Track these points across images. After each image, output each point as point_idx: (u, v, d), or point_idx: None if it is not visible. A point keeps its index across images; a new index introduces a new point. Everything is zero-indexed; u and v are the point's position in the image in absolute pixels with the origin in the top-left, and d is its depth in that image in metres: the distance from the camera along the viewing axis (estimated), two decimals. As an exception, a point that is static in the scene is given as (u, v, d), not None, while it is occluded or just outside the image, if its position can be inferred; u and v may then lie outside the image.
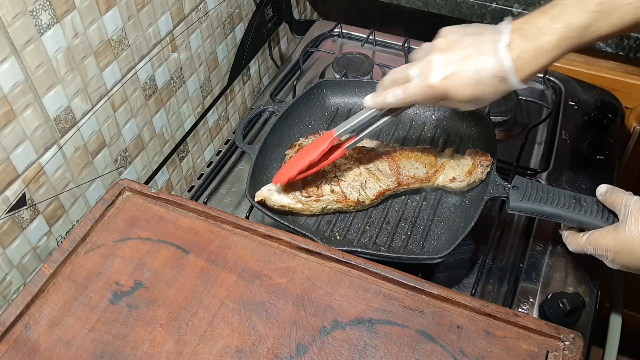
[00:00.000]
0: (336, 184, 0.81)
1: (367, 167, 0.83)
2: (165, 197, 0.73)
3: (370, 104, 0.74)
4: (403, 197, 0.86)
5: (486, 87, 0.65)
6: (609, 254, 0.65)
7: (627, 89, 1.11)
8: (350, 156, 0.84)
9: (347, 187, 0.81)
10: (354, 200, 0.81)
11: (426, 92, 0.67)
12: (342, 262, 0.67)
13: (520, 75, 0.64)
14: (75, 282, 0.67)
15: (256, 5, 1.17)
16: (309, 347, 0.60)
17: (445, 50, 0.66)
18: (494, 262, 0.83)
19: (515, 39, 0.63)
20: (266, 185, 0.82)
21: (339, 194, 0.81)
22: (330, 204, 0.82)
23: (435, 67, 0.66)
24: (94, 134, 0.83)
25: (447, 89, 0.66)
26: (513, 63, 0.63)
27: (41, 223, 0.78)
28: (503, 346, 0.59)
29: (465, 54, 0.65)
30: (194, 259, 0.68)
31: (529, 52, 0.63)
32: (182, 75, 0.99)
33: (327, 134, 0.78)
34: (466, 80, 0.65)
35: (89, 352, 0.61)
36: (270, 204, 0.80)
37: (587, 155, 0.93)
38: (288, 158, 0.87)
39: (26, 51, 0.68)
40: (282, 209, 0.81)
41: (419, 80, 0.67)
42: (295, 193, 0.81)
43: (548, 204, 0.71)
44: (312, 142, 0.81)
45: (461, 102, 0.68)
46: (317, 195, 0.81)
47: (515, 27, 0.64)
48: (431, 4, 1.18)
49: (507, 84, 0.65)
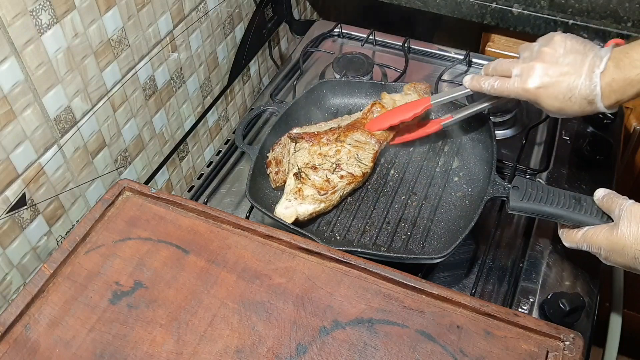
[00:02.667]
0: (339, 169, 0.84)
1: (348, 143, 0.86)
2: (165, 197, 0.73)
3: (468, 84, 0.80)
4: (403, 197, 0.86)
5: (574, 105, 0.70)
6: (602, 252, 0.67)
7: (627, 89, 1.10)
8: (328, 140, 0.87)
9: (348, 167, 0.84)
10: (360, 174, 0.85)
11: (519, 93, 0.74)
12: (342, 262, 0.67)
13: (605, 102, 0.69)
14: (75, 282, 0.67)
15: (256, 5, 1.17)
16: (309, 347, 0.60)
17: (548, 62, 0.71)
18: (494, 262, 0.83)
19: (610, 67, 0.68)
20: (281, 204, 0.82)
21: (348, 176, 0.84)
22: (345, 188, 0.84)
23: (535, 74, 0.71)
24: (94, 134, 0.83)
25: (539, 96, 0.72)
26: (602, 90, 0.68)
27: (41, 223, 0.78)
28: (503, 346, 0.59)
29: (564, 70, 0.70)
30: (194, 259, 0.68)
31: (618, 82, 0.67)
32: (182, 75, 0.99)
33: (423, 99, 0.87)
34: (558, 94, 0.70)
35: (89, 352, 0.61)
36: (301, 218, 0.82)
37: (587, 155, 0.93)
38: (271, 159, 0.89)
39: (26, 51, 0.68)
40: (311, 217, 0.83)
41: (517, 80, 0.73)
42: (313, 197, 0.82)
43: (548, 204, 0.71)
44: (406, 104, 0.89)
45: (548, 111, 0.73)
46: (332, 187, 0.83)
47: (613, 55, 0.68)
48: (431, 4, 1.18)
49: (593, 106, 0.70)
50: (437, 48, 1.16)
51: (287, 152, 0.87)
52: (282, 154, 0.87)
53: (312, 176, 0.82)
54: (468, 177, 0.87)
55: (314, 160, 0.85)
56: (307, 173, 0.83)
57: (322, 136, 0.87)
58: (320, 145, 0.86)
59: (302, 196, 0.81)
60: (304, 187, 0.82)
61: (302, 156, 0.85)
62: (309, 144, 0.86)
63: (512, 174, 0.90)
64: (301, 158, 0.85)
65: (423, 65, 1.13)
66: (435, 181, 0.88)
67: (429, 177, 0.88)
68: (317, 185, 0.82)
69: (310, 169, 0.83)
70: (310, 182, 0.82)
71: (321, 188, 0.82)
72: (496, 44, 1.19)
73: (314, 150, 0.85)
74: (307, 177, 0.82)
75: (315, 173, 0.83)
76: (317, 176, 0.83)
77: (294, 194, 0.82)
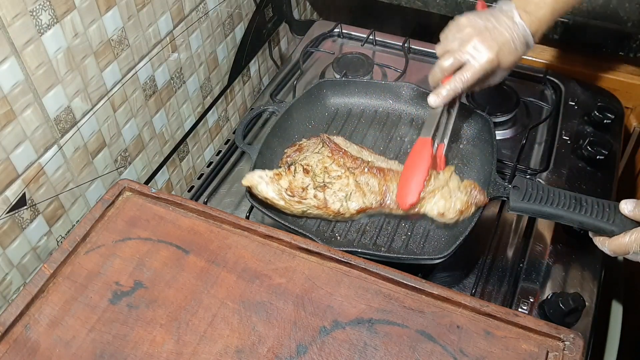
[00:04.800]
0: (321, 190, 0.79)
1: (357, 180, 0.79)
2: (165, 197, 0.73)
3: (440, 100, 0.83)
4: (403, 197, 0.86)
5: (519, 51, 0.82)
6: None
7: (627, 89, 1.11)
8: (344, 164, 0.80)
9: (332, 195, 0.79)
10: (334, 210, 0.78)
11: (485, 68, 0.81)
12: (342, 262, 0.67)
13: (536, 39, 0.83)
14: (75, 282, 0.67)
15: (256, 5, 1.17)
16: (309, 347, 0.60)
17: (480, 34, 0.81)
18: (494, 262, 0.83)
19: (522, 14, 0.81)
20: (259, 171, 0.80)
21: (321, 201, 0.79)
22: (311, 209, 0.79)
23: (484, 45, 0.80)
24: (94, 134, 0.83)
25: (501, 58, 0.81)
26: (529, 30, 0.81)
27: (41, 223, 0.78)
28: (503, 346, 0.59)
29: (497, 31, 0.81)
30: (194, 259, 0.68)
31: (534, 22, 0.81)
32: (182, 75, 0.99)
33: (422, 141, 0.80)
34: (509, 49, 0.81)
35: (89, 352, 0.61)
36: (255, 192, 0.79)
37: (587, 155, 0.93)
38: (286, 157, 0.87)
39: (26, 51, 0.68)
40: (265, 200, 0.80)
41: (475, 60, 0.81)
42: (280, 189, 0.79)
43: (548, 204, 0.71)
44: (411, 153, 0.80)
45: (507, 68, 0.83)
46: (301, 197, 0.79)
47: (517, 6, 0.82)
48: (431, 4, 1.18)
49: (528, 46, 0.83)
50: (437, 48, 1.16)
51: (309, 146, 0.85)
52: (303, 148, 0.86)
53: (298, 175, 0.80)
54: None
55: (316, 166, 0.81)
56: (298, 170, 0.80)
57: (346, 158, 0.81)
58: (334, 162, 0.81)
59: (275, 180, 0.79)
60: (285, 176, 0.80)
61: (313, 157, 0.82)
62: (329, 153, 0.81)
63: (512, 174, 0.90)
64: (311, 158, 0.82)
65: (423, 65, 1.13)
66: (435, 181, 0.88)
67: (429, 177, 0.88)
68: (292, 184, 0.79)
69: (304, 169, 0.80)
70: (291, 177, 0.79)
71: (291, 189, 0.79)
72: (496, 44, 1.19)
73: (325, 161, 0.81)
74: (294, 172, 0.80)
75: (304, 176, 0.80)
76: (301, 179, 0.80)
77: (273, 173, 0.80)
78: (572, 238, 0.83)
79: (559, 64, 1.14)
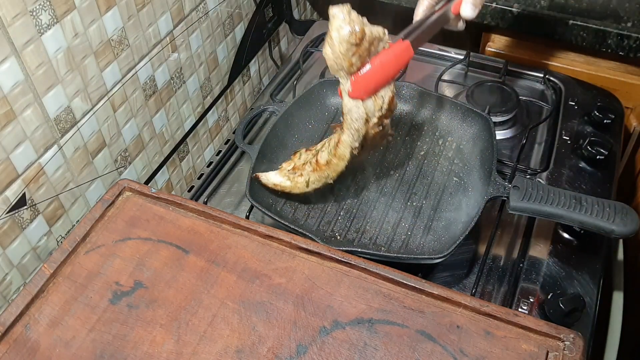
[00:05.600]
0: (314, 156, 0.82)
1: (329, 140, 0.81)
2: (165, 197, 0.73)
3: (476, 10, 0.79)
4: (403, 197, 0.86)
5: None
6: None
7: (627, 89, 1.11)
8: None
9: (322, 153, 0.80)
10: (323, 163, 0.79)
11: None
12: (342, 262, 0.67)
13: None
14: (75, 282, 0.67)
15: (256, 5, 1.17)
16: (309, 347, 0.60)
17: None
18: (494, 262, 0.83)
19: None
20: None
21: (314, 164, 0.81)
22: (311, 176, 0.81)
23: None
24: (94, 134, 0.83)
25: None
26: None
27: (41, 223, 0.78)
28: (503, 346, 0.59)
29: None
30: (194, 259, 0.68)
31: None
32: (182, 75, 0.99)
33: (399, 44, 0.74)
34: None
35: (89, 352, 0.61)
36: (264, 181, 0.83)
37: (587, 155, 0.93)
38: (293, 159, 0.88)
39: (26, 51, 0.68)
40: (275, 187, 0.83)
41: None
42: (286, 171, 0.83)
43: (548, 204, 0.71)
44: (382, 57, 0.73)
45: None
46: (301, 171, 0.82)
47: None
48: (431, 4, 1.17)
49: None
50: (437, 48, 1.16)
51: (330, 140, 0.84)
52: None
53: (302, 156, 0.84)
54: (468, 177, 0.87)
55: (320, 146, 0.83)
56: (301, 151, 0.85)
57: None
58: None
59: (283, 168, 0.84)
60: (290, 162, 0.85)
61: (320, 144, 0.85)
62: None
63: (512, 174, 0.90)
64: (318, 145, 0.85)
65: (423, 65, 1.13)
66: (436, 181, 0.88)
67: (429, 177, 0.88)
68: (296, 164, 0.83)
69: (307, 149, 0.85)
70: (296, 160, 0.84)
71: (295, 168, 0.83)
72: (496, 44, 1.19)
73: None
74: (299, 156, 0.84)
75: (306, 154, 0.84)
76: (304, 157, 0.84)
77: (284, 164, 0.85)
78: (572, 238, 0.83)
79: (559, 64, 1.14)
